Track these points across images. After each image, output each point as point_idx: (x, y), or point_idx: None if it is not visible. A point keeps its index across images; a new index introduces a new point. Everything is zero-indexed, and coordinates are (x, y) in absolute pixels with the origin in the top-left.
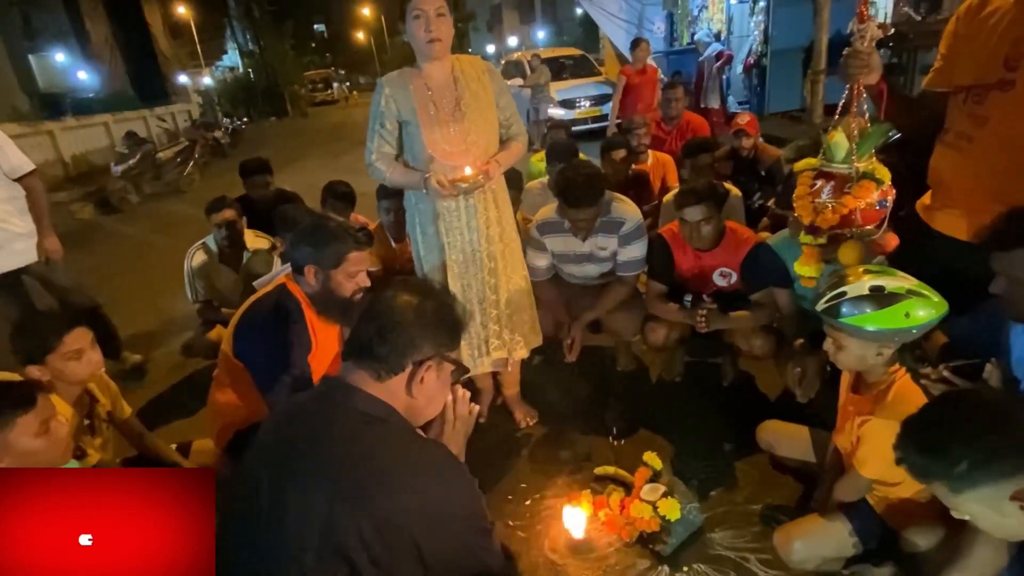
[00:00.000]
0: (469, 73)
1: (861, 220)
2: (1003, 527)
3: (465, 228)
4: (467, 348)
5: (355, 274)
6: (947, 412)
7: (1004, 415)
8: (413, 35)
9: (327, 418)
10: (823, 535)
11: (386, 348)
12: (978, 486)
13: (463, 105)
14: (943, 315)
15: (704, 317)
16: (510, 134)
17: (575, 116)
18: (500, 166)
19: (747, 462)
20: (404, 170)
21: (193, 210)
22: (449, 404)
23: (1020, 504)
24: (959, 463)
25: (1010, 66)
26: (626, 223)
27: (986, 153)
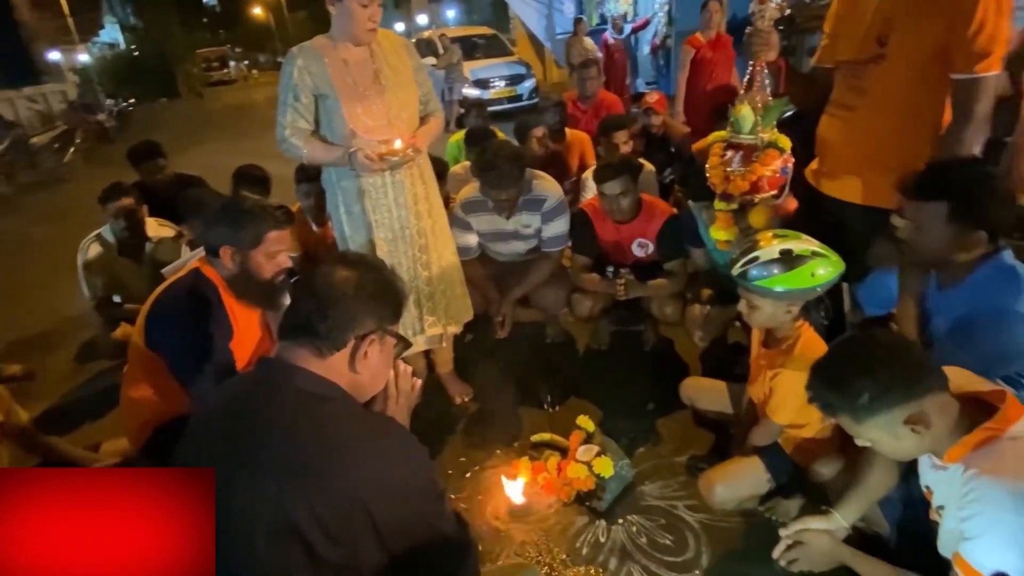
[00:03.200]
0: (386, 47)
1: (767, 186)
2: (899, 449)
3: (393, 205)
4: (401, 328)
5: (275, 254)
6: (849, 353)
7: (895, 351)
8: (352, 17)
9: (268, 401)
10: (741, 477)
11: (327, 324)
12: (877, 414)
13: (383, 79)
14: (841, 274)
15: (623, 286)
16: (428, 110)
17: (490, 96)
18: (425, 140)
19: (671, 418)
20: (324, 146)
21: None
22: (391, 379)
23: (912, 427)
24: (861, 395)
25: (882, 42)
26: (548, 200)
27: (864, 121)
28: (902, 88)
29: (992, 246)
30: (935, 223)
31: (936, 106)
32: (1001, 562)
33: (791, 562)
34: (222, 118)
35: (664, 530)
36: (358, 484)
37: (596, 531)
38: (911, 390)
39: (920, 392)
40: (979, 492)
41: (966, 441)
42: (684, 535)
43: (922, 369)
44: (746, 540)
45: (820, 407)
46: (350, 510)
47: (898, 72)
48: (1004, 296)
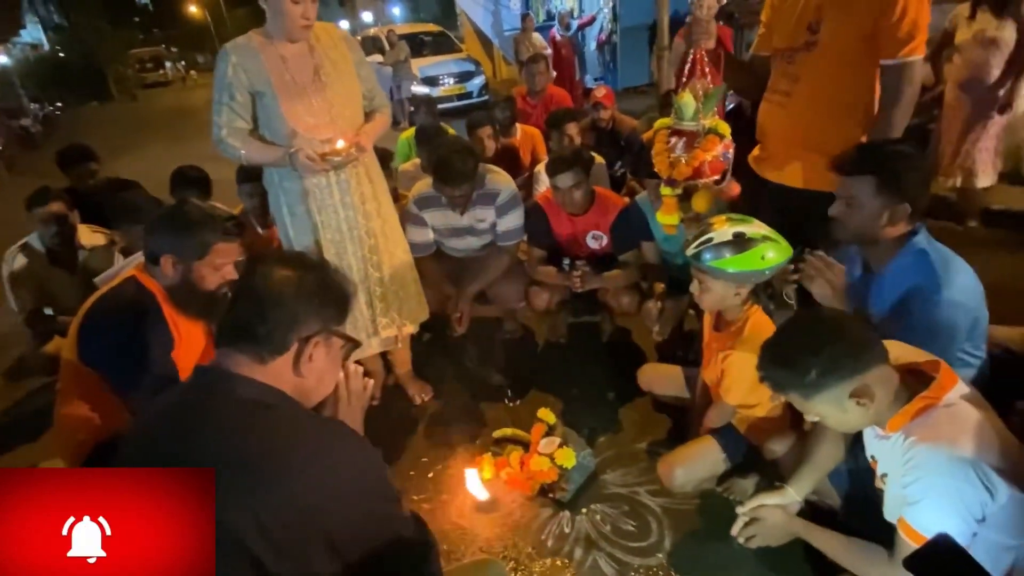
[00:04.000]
0: (325, 41)
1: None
2: (846, 422)
3: (339, 205)
4: (354, 331)
5: (221, 266)
6: (796, 332)
7: (840, 329)
8: (284, 14)
9: (207, 411)
10: (698, 459)
11: (267, 327)
12: (824, 390)
13: (323, 75)
14: (790, 257)
15: (579, 278)
16: (373, 106)
17: (439, 94)
18: (370, 138)
19: (630, 406)
20: (263, 146)
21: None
22: (341, 381)
23: (857, 400)
24: (808, 372)
25: (813, 29)
26: (501, 194)
27: (799, 107)
28: (833, 73)
29: (912, 223)
30: (865, 197)
31: (866, 90)
32: (941, 523)
33: (749, 538)
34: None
35: (627, 517)
36: (306, 492)
37: (561, 522)
38: (855, 365)
39: (864, 366)
40: (918, 459)
41: (906, 411)
42: (647, 520)
43: (865, 344)
44: (706, 520)
45: (770, 386)
46: (299, 520)
47: (829, 58)
48: (920, 279)
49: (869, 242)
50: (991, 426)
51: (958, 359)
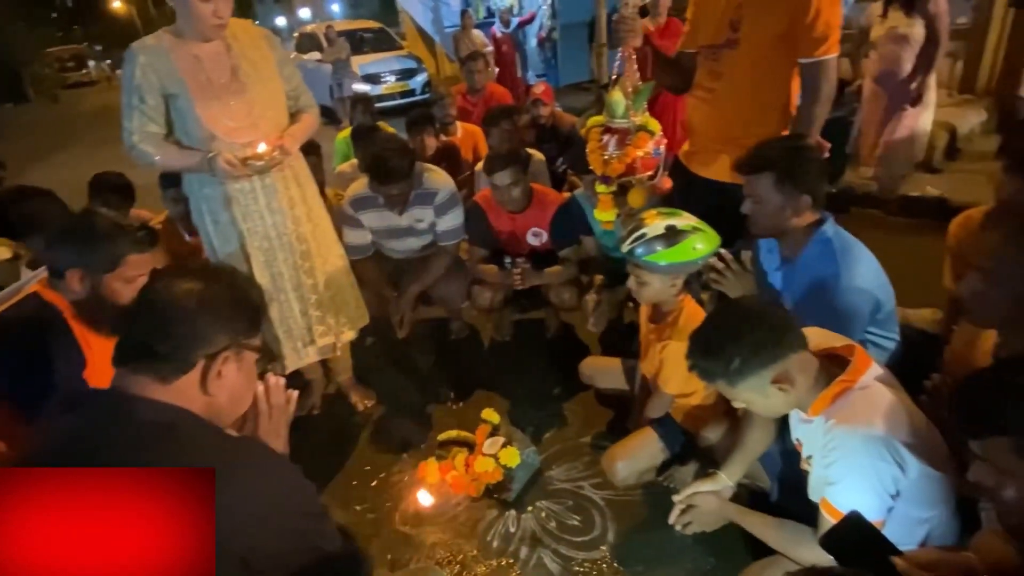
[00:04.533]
0: (243, 40)
1: (642, 167)
2: (770, 407)
3: (266, 211)
4: (289, 340)
5: (134, 279)
6: (719, 322)
7: (759, 318)
8: (194, 13)
9: (105, 437)
10: (639, 451)
11: (168, 345)
12: (748, 377)
13: (242, 75)
14: (718, 247)
15: (519, 276)
16: (299, 106)
17: (382, 91)
18: (296, 140)
19: (574, 401)
20: (179, 151)
21: None
22: (260, 395)
23: (779, 386)
24: (732, 361)
25: (735, 27)
26: (439, 193)
27: (723, 102)
28: (754, 70)
29: (816, 213)
30: (766, 193)
31: (785, 87)
32: (859, 501)
33: (685, 525)
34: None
35: (572, 511)
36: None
37: (506, 522)
38: (775, 352)
39: (783, 353)
40: (837, 440)
41: (825, 395)
42: (591, 514)
43: (783, 332)
44: (648, 510)
45: (698, 375)
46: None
47: (749, 55)
48: (828, 266)
49: (780, 234)
50: (902, 405)
51: (870, 343)
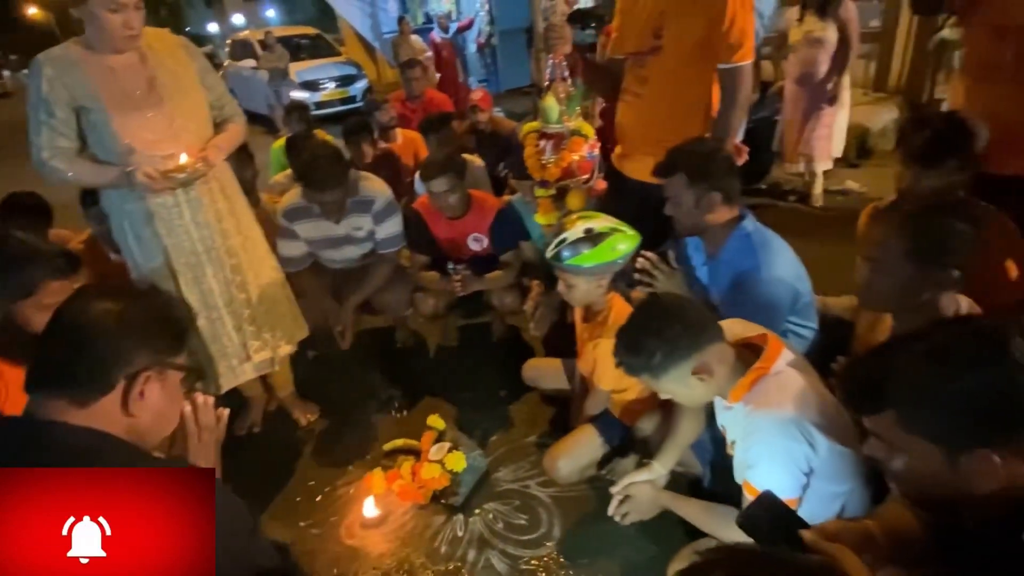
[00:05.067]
0: (160, 49)
1: (578, 171)
2: (693, 397)
3: (191, 225)
4: (223, 358)
5: (51, 307)
6: (640, 320)
7: (676, 314)
8: (102, 24)
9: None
10: (580, 447)
11: (85, 366)
12: (669, 370)
13: (159, 86)
14: (639, 245)
15: (460, 282)
16: (224, 115)
17: (321, 99)
18: (220, 151)
19: (520, 402)
20: (94, 166)
21: None
22: (188, 415)
23: (699, 377)
24: (654, 355)
25: (658, 35)
26: (377, 200)
27: (649, 106)
28: (677, 76)
29: (733, 209)
30: (681, 193)
31: (705, 91)
32: (776, 480)
33: (624, 516)
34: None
35: (519, 511)
36: None
37: (454, 526)
38: (694, 344)
39: (701, 345)
40: (755, 424)
41: (743, 382)
42: (537, 512)
43: (700, 325)
44: (592, 504)
45: (624, 370)
46: None
47: (672, 61)
48: (748, 260)
49: (702, 232)
50: (812, 388)
51: (790, 332)
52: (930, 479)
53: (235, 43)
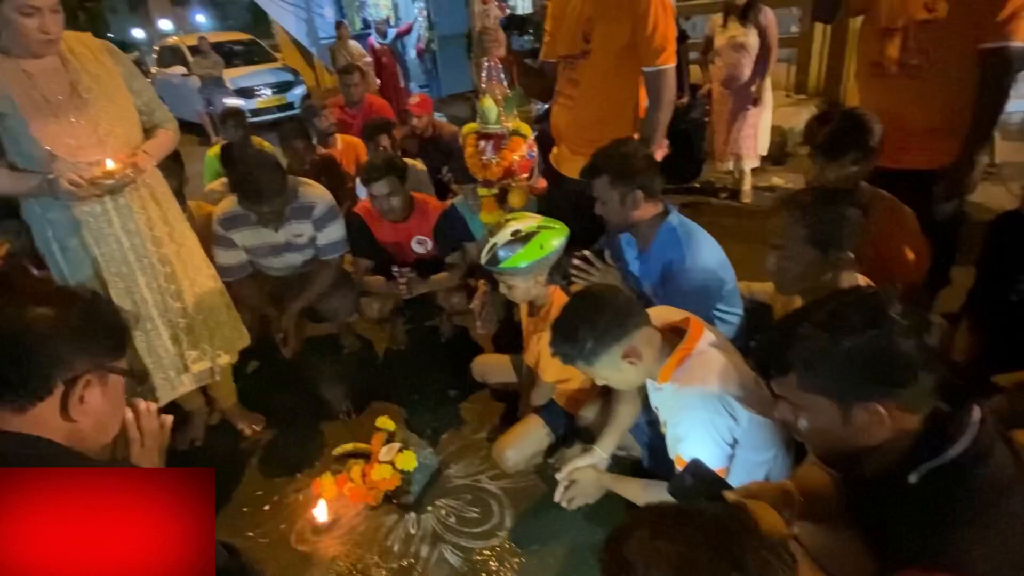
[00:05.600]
0: (81, 53)
1: (519, 169)
2: (625, 380)
3: (121, 233)
4: (159, 370)
5: None
6: (572, 309)
7: (604, 303)
8: (17, 29)
9: None
10: (525, 438)
11: (21, 371)
12: (601, 355)
13: (83, 90)
14: (567, 238)
15: (405, 285)
16: (154, 121)
17: (257, 105)
18: (150, 157)
19: (471, 400)
20: (12, 174)
21: None
22: (130, 421)
23: (629, 361)
24: (586, 342)
25: (587, 39)
26: (317, 206)
27: (580, 108)
28: (606, 78)
29: (657, 205)
30: (605, 193)
31: (633, 93)
32: (703, 452)
33: (570, 501)
34: None
35: (471, 505)
36: None
37: (407, 525)
38: (622, 330)
39: (629, 330)
40: (681, 401)
41: (669, 363)
42: (489, 504)
43: (627, 311)
44: (541, 493)
45: (561, 359)
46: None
47: (600, 65)
48: (675, 251)
49: (631, 228)
50: (733, 364)
51: (716, 318)
52: (830, 434)
53: (163, 49)
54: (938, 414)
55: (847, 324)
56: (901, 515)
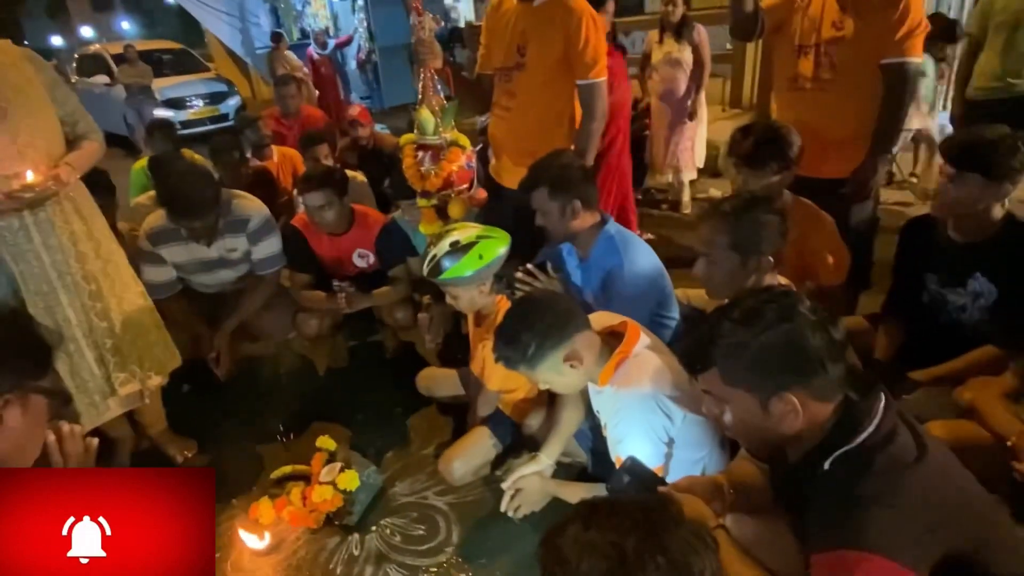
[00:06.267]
0: (1, 62)
1: (458, 180)
2: (567, 384)
3: (42, 249)
4: (84, 394)
5: None
6: (514, 315)
7: (545, 308)
8: None
9: None
10: (473, 448)
11: None
12: (544, 359)
13: (1, 100)
14: (508, 246)
15: (345, 299)
16: (77, 132)
17: (188, 117)
18: (74, 170)
19: (417, 416)
20: None
21: None
22: (52, 444)
23: (570, 364)
24: (529, 347)
25: (521, 52)
26: (252, 220)
27: (517, 119)
28: (540, 90)
29: (595, 214)
30: (545, 204)
31: (568, 105)
32: (640, 452)
33: (516, 509)
34: None
35: (416, 522)
36: None
37: (350, 546)
38: (563, 334)
39: (570, 333)
40: (620, 403)
41: (608, 366)
42: (435, 520)
43: (567, 316)
44: (488, 506)
45: (504, 364)
46: None
47: (535, 77)
48: (614, 259)
49: (571, 238)
50: (668, 365)
51: (656, 323)
52: (752, 426)
53: (84, 57)
54: (849, 404)
55: (762, 319)
56: (816, 501)
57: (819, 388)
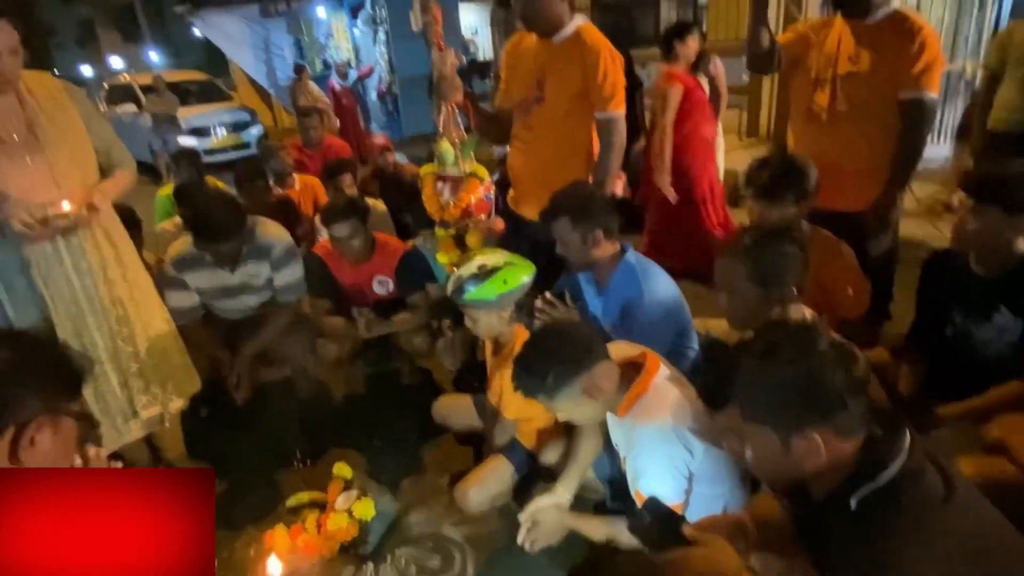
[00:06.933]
0: (40, 93)
1: (476, 210)
2: (585, 415)
3: (72, 273)
4: (106, 417)
5: None
6: (534, 344)
7: (565, 338)
8: None
9: None
10: (489, 477)
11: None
12: (562, 389)
13: (39, 131)
14: (532, 275)
15: (364, 324)
16: (111, 161)
17: (212, 145)
18: (107, 197)
19: (433, 444)
20: None
21: None
22: (79, 467)
23: (589, 394)
24: (547, 376)
25: (540, 86)
26: (275, 247)
27: (535, 151)
28: (559, 123)
29: (615, 244)
30: (566, 233)
31: (585, 137)
32: (662, 486)
33: (532, 543)
34: None
35: (431, 553)
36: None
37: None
38: (582, 364)
39: (589, 364)
40: (639, 436)
41: (628, 397)
42: (451, 552)
43: (588, 346)
44: (505, 538)
45: (523, 393)
46: None
47: (553, 110)
48: (633, 288)
49: (591, 267)
50: (687, 398)
51: (675, 351)
52: (774, 463)
53: (113, 87)
54: (873, 441)
55: (780, 356)
56: (844, 539)
57: (841, 425)
